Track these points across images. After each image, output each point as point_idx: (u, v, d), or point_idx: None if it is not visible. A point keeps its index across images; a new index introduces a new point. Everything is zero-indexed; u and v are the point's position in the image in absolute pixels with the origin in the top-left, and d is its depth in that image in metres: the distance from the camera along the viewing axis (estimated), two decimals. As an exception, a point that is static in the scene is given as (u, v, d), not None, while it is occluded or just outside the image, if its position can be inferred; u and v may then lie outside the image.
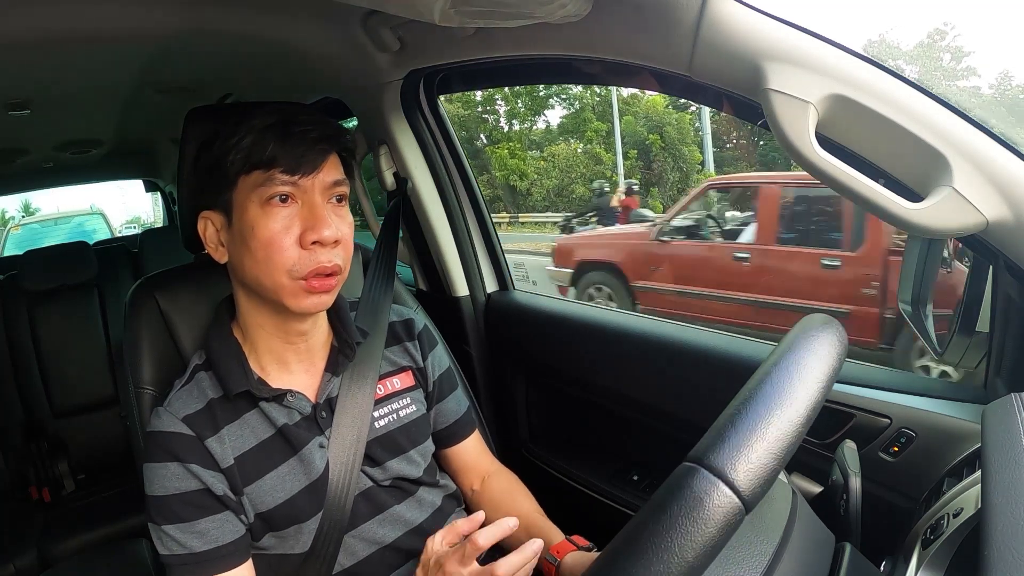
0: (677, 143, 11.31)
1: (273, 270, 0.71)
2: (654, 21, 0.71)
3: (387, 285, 0.95)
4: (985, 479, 0.51)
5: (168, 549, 0.71)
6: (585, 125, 12.48)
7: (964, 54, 9.47)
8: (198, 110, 0.81)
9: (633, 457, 1.18)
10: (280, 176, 0.70)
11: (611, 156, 11.43)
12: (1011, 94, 8.26)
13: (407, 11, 0.80)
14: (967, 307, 0.76)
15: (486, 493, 0.93)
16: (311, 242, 0.70)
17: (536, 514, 0.88)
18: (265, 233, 0.70)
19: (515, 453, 1.34)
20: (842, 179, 0.62)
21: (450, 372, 0.94)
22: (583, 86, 13.02)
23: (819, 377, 0.46)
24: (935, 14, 11.79)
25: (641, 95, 12.02)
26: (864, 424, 0.81)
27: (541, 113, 14.33)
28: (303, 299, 0.72)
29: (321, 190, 0.72)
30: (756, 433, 0.41)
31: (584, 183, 9.17)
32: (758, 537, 0.49)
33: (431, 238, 1.36)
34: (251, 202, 0.71)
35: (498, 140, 13.58)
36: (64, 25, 0.93)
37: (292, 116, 0.72)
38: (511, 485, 0.94)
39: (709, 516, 0.38)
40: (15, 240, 7.18)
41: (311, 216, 0.71)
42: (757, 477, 0.39)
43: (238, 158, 0.70)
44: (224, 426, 0.75)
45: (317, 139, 0.72)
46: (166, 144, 2.37)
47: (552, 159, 9.44)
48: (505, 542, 0.89)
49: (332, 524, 0.76)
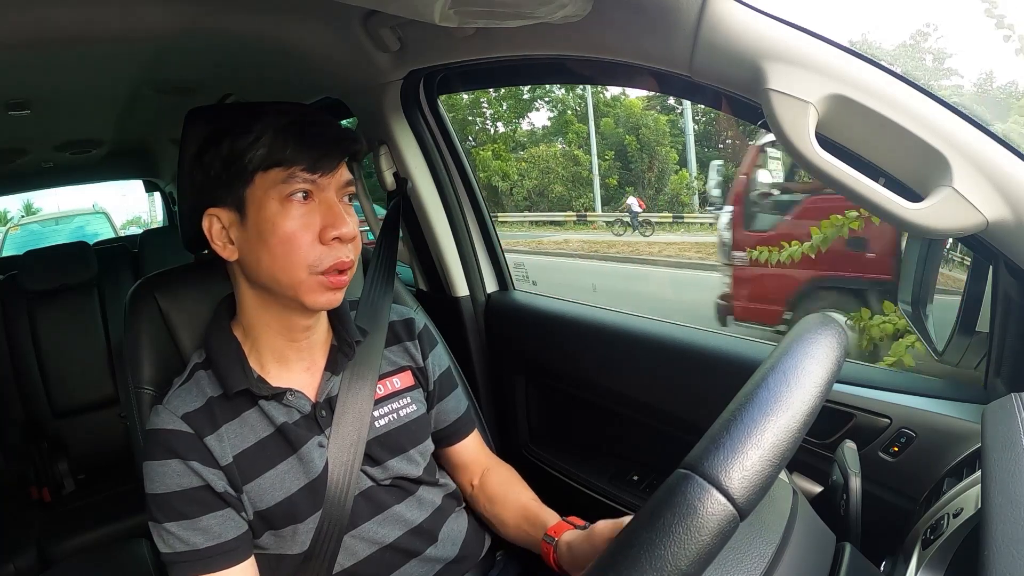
0: (653, 144, 11.68)
1: (292, 266, 0.71)
2: (654, 21, 0.71)
3: (387, 285, 0.95)
4: (985, 479, 0.51)
5: (170, 547, 0.71)
6: (567, 127, 12.86)
7: (946, 55, 9.52)
8: (198, 110, 0.81)
9: (633, 457, 1.18)
10: (301, 174, 0.71)
11: (588, 157, 11.78)
12: (992, 94, 8.30)
13: (407, 11, 0.80)
14: (967, 307, 0.76)
15: (485, 488, 0.93)
16: (331, 238, 0.72)
17: (533, 502, 0.90)
18: (285, 230, 0.71)
19: (515, 453, 1.34)
20: (842, 179, 0.62)
21: (449, 372, 0.94)
22: (566, 89, 13.44)
23: (816, 381, 0.45)
24: (918, 15, 11.88)
25: (622, 97, 12.40)
26: (864, 424, 0.81)
27: (525, 116, 14.76)
28: (319, 295, 0.73)
29: (337, 188, 0.74)
30: (751, 440, 0.40)
31: (563, 183, 9.38)
32: (759, 536, 0.49)
33: (431, 238, 1.36)
34: (270, 199, 0.71)
35: (484, 142, 13.88)
36: (64, 25, 0.93)
37: (307, 116, 0.74)
38: (509, 476, 0.95)
39: (703, 524, 0.38)
40: (13, 241, 7.04)
41: (330, 213, 0.72)
42: (752, 484, 0.39)
43: (258, 155, 0.71)
44: (223, 424, 0.75)
45: (333, 139, 0.73)
46: (166, 144, 2.37)
47: (533, 160, 9.74)
48: (506, 531, 0.90)
49: (332, 524, 0.76)
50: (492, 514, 0.92)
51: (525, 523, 0.87)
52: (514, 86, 11.63)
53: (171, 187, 3.01)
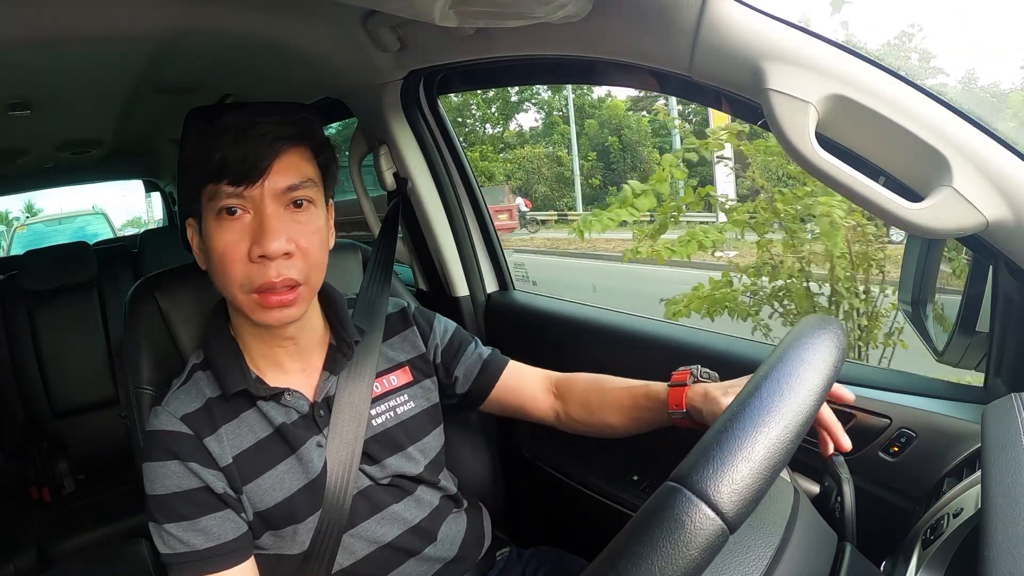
0: (634, 144, 11.87)
1: (228, 285, 0.70)
2: (654, 21, 0.71)
3: (384, 283, 0.95)
4: (985, 479, 0.51)
5: (170, 548, 0.71)
6: (553, 129, 13.11)
7: (931, 55, 9.56)
8: (198, 110, 0.81)
9: (633, 457, 1.18)
10: (225, 188, 0.68)
11: (571, 158, 12.03)
12: (975, 93, 8.36)
13: (407, 11, 0.80)
14: (967, 307, 0.76)
15: (572, 406, 0.88)
16: (257, 256, 0.68)
17: (628, 382, 0.85)
18: (218, 247, 0.69)
19: (515, 453, 1.33)
20: (842, 179, 0.62)
21: (459, 331, 0.93)
22: (552, 91, 13.82)
23: (811, 389, 0.44)
24: (904, 15, 12.07)
25: (608, 99, 12.67)
26: (864, 424, 0.81)
27: (512, 118, 15.11)
28: (262, 313, 0.70)
29: (272, 197, 0.69)
30: (742, 452, 0.40)
31: (546, 183, 9.58)
32: (760, 534, 0.49)
33: (431, 238, 1.36)
34: (208, 214, 0.70)
35: (472, 144, 14.14)
36: (64, 25, 0.93)
37: (252, 118, 0.68)
38: (590, 379, 0.89)
39: (691, 539, 0.37)
40: (19, 240, 7.29)
41: (258, 228, 0.68)
42: (742, 498, 0.38)
43: (196, 169, 0.69)
44: (222, 425, 0.75)
45: (269, 142, 0.68)
46: (166, 144, 2.37)
47: (518, 162, 9.97)
48: (620, 425, 0.84)
49: (331, 523, 0.76)
50: (601, 422, 0.86)
51: (631, 405, 0.82)
52: (514, 86, 11.76)
53: (171, 187, 3.01)
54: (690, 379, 0.77)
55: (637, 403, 0.82)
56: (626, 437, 0.86)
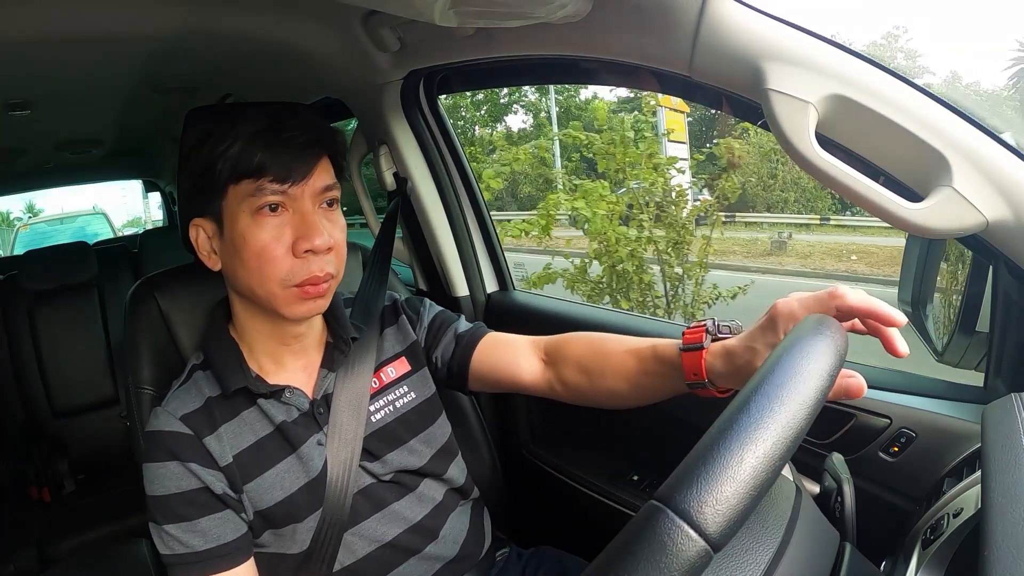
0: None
1: (265, 280, 0.70)
2: (654, 21, 0.71)
3: (381, 282, 0.95)
4: (985, 479, 0.51)
5: (170, 548, 0.71)
6: (540, 131, 13.37)
7: (917, 55, 9.61)
8: (198, 110, 0.81)
9: (633, 457, 1.18)
10: (269, 185, 0.69)
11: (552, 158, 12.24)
12: (960, 91, 8.39)
13: (407, 11, 0.80)
14: (967, 307, 0.76)
15: (567, 372, 0.80)
16: (304, 251, 0.70)
17: (632, 343, 0.75)
18: (257, 244, 0.69)
19: (515, 453, 1.33)
20: (842, 179, 0.62)
21: (442, 313, 0.92)
22: (540, 93, 13.98)
23: (804, 402, 0.43)
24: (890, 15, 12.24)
25: (593, 100, 12.91)
26: (864, 424, 0.81)
27: (501, 120, 15.15)
28: (297, 306, 0.72)
29: (311, 196, 0.71)
30: (727, 472, 0.39)
31: (531, 184, 9.67)
32: (762, 532, 0.49)
33: (431, 238, 1.36)
34: (241, 212, 0.70)
35: (462, 145, 14.55)
36: (64, 25, 0.93)
37: (281, 121, 0.71)
38: (586, 341, 0.79)
39: (672, 561, 0.36)
40: (22, 239, 7.41)
41: (303, 224, 0.70)
42: (726, 519, 0.37)
43: (226, 167, 0.69)
44: (222, 424, 0.75)
45: (305, 144, 0.71)
46: (166, 144, 2.37)
47: (505, 164, 10.19)
48: (630, 393, 0.75)
49: (332, 522, 0.76)
50: (605, 389, 0.76)
51: (638, 365, 0.72)
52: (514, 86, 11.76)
53: (171, 187, 3.01)
54: (707, 338, 0.65)
55: (646, 367, 0.72)
56: (638, 407, 0.77)
